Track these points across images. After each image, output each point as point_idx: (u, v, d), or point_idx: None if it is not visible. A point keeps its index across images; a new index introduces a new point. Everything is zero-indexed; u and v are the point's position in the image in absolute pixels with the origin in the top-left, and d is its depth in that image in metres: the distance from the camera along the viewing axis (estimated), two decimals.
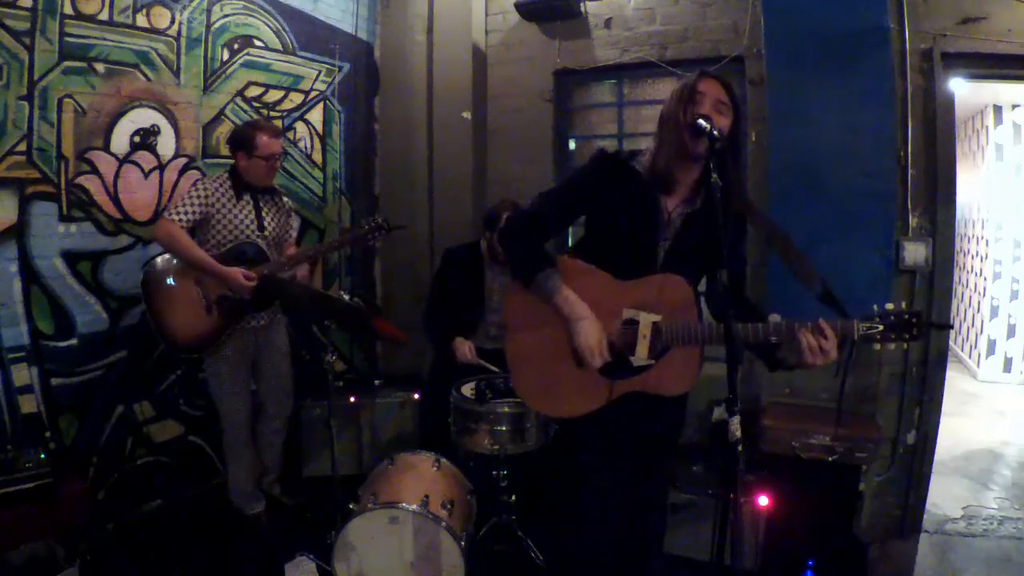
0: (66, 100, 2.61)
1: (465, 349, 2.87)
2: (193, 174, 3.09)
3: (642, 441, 1.91)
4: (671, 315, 1.74)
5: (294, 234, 3.01)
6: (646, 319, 1.75)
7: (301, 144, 3.68)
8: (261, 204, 2.79)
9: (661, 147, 1.74)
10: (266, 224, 2.79)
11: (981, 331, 6.01)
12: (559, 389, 1.85)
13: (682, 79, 1.78)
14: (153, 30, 2.89)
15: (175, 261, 2.63)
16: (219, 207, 2.65)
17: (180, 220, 2.56)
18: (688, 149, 1.68)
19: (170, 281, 2.64)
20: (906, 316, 1.56)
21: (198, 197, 2.61)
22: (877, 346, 1.59)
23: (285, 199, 2.96)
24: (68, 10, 2.57)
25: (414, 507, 2.16)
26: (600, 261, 1.81)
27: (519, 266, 1.86)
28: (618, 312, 1.78)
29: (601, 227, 1.86)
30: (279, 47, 3.50)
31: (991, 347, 5.90)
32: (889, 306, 1.57)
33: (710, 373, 1.90)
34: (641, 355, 1.76)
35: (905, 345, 1.59)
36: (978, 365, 6.02)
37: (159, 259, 2.68)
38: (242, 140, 2.69)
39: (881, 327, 1.57)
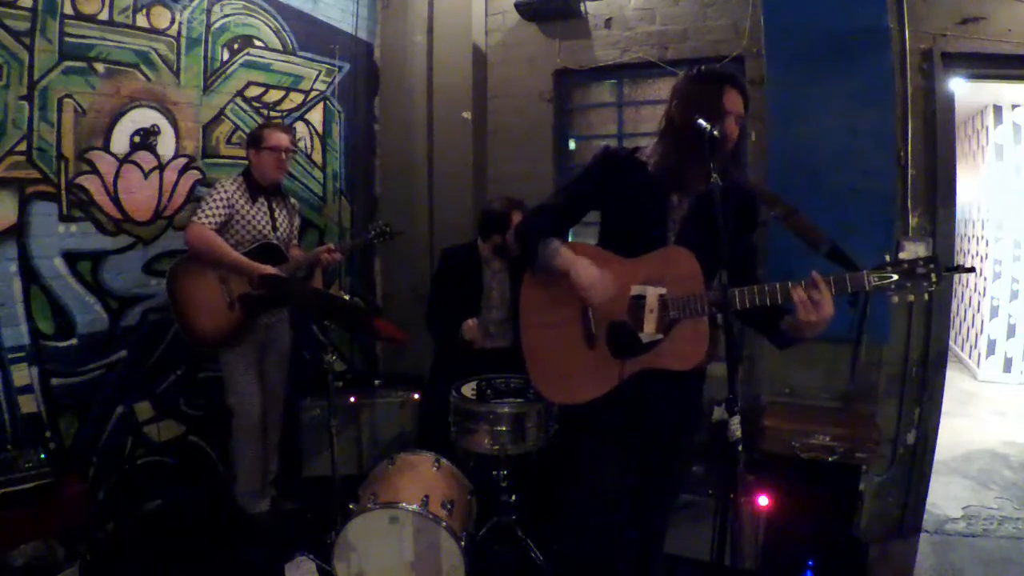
0: (66, 100, 2.61)
1: (469, 323, 2.90)
2: (193, 174, 3.10)
3: (648, 436, 1.88)
4: (677, 287, 1.72)
5: (297, 233, 3.09)
6: (652, 293, 1.73)
7: (301, 144, 3.68)
8: (273, 205, 2.89)
9: (678, 153, 1.73)
10: (278, 225, 2.89)
11: (981, 331, 6.01)
12: (573, 375, 1.86)
13: (699, 82, 1.75)
14: (153, 30, 2.89)
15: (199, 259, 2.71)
16: (238, 208, 2.75)
17: (209, 223, 2.65)
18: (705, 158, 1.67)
19: (195, 278, 2.72)
20: (920, 264, 1.51)
21: (221, 199, 2.70)
22: (895, 299, 1.54)
23: (293, 200, 3.07)
24: (68, 10, 2.57)
25: (414, 507, 2.16)
26: (613, 250, 1.82)
27: (526, 252, 1.87)
28: (626, 289, 1.78)
29: (611, 218, 1.87)
30: (279, 47, 3.50)
31: (991, 347, 5.89)
32: (902, 255, 1.56)
33: (710, 373, 1.90)
34: (649, 330, 1.74)
35: (927, 296, 1.53)
36: (978, 365, 6.02)
37: (184, 257, 2.75)
38: (251, 138, 2.82)
39: (894, 277, 1.53)
